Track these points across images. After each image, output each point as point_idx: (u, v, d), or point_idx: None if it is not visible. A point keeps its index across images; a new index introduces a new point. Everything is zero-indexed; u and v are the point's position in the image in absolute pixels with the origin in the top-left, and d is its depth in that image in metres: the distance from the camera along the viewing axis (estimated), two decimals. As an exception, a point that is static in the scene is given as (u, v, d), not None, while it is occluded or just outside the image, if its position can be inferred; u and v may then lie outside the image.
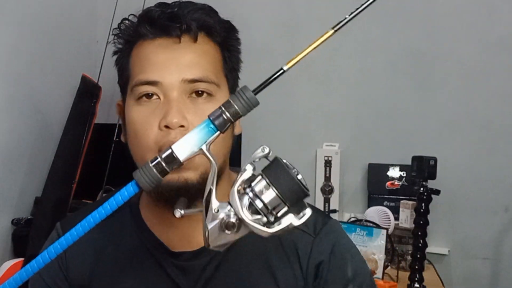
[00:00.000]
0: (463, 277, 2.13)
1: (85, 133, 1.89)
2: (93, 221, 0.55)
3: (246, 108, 0.54)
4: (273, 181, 0.53)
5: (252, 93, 0.55)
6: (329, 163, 2.22)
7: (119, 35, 0.80)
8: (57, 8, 2.16)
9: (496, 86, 2.11)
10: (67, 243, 0.57)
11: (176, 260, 0.79)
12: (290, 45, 2.32)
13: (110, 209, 0.55)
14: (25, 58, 1.97)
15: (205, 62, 0.76)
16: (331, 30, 0.57)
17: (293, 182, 0.53)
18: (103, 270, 0.82)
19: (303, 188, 0.53)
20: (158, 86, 0.73)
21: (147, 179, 0.54)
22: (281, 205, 0.53)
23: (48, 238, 0.88)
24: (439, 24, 2.13)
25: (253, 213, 0.53)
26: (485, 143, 2.11)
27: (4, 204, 1.88)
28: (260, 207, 0.53)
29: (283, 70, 0.57)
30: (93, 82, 1.97)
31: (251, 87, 0.56)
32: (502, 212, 2.09)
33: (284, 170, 0.53)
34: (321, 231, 0.81)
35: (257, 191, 0.53)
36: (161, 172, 0.54)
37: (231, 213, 0.53)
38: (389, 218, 1.98)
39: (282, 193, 0.53)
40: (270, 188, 0.53)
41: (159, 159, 0.54)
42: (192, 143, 0.55)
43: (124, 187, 0.54)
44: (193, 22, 0.75)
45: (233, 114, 0.54)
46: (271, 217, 0.53)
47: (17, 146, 1.92)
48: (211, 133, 0.55)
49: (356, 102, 2.28)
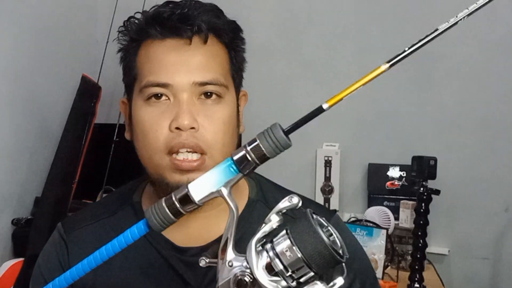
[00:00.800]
0: (463, 277, 2.13)
1: (85, 133, 1.89)
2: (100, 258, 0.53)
3: (274, 151, 0.48)
4: (298, 241, 0.45)
5: (282, 133, 0.48)
6: (329, 163, 2.22)
7: (124, 32, 0.79)
8: (57, 8, 2.16)
9: (496, 86, 2.10)
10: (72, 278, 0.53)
11: (182, 256, 0.78)
12: (290, 45, 2.32)
13: (119, 247, 0.52)
14: (25, 58, 1.97)
15: (215, 64, 0.76)
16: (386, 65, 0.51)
17: (322, 245, 0.45)
18: (108, 269, 0.81)
19: (333, 253, 0.45)
20: (168, 88, 0.73)
21: (159, 220, 0.50)
22: (305, 270, 0.45)
23: (49, 239, 0.88)
24: (439, 24, 2.13)
25: (272, 274, 0.46)
26: (485, 143, 2.11)
27: (4, 204, 1.88)
28: (280, 269, 0.46)
29: (323, 109, 0.49)
30: (93, 82, 1.97)
31: (251, 85, 0.53)
32: (502, 212, 2.09)
33: (313, 229, 0.45)
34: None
35: (278, 250, 0.46)
36: (175, 213, 0.50)
37: (246, 271, 0.47)
38: (389, 218, 1.98)
39: (308, 257, 0.45)
40: (294, 249, 0.45)
41: (173, 199, 0.50)
42: (210, 183, 0.50)
43: (135, 226, 0.52)
44: (204, 24, 0.75)
45: (258, 156, 0.48)
46: (292, 282, 0.46)
47: (17, 146, 1.92)
48: (232, 174, 0.50)
49: (356, 102, 2.27)
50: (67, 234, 0.84)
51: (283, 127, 0.48)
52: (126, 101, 0.82)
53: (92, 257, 0.53)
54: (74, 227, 0.85)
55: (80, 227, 0.84)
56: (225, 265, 0.48)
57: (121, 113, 0.84)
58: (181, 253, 0.79)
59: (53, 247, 0.85)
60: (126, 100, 0.82)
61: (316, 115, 0.48)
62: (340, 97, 0.49)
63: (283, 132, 0.48)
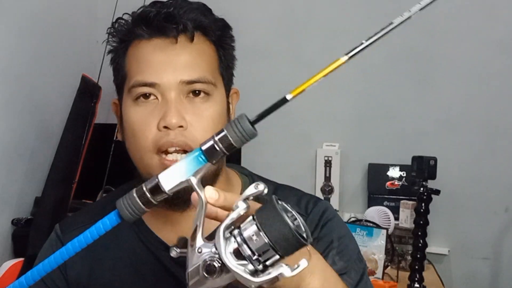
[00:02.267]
0: (463, 277, 2.13)
1: (85, 133, 1.89)
2: (73, 249, 0.53)
3: (241, 140, 0.49)
4: (264, 226, 0.47)
5: (248, 123, 0.49)
6: (329, 163, 2.22)
7: (113, 33, 0.80)
8: (57, 8, 2.16)
9: (496, 86, 2.10)
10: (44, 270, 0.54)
11: None
12: (289, 45, 2.32)
13: (91, 238, 0.53)
14: (25, 58, 1.97)
15: (202, 62, 0.76)
16: (345, 57, 0.52)
17: (287, 229, 0.47)
18: (103, 269, 0.82)
19: (298, 237, 0.47)
20: (155, 88, 0.74)
21: (131, 211, 0.51)
22: (272, 253, 0.47)
23: (47, 240, 0.88)
24: (439, 24, 2.13)
25: (239, 258, 0.47)
26: (485, 143, 2.11)
27: (4, 204, 1.88)
28: (248, 254, 0.47)
29: (286, 100, 0.50)
30: (93, 82, 1.97)
31: (251, 86, 0.54)
32: (502, 212, 2.09)
33: (278, 214, 0.47)
34: (313, 210, 0.82)
35: (245, 235, 0.47)
36: (146, 203, 0.51)
37: (215, 256, 0.48)
38: (389, 218, 1.98)
39: (274, 241, 0.47)
40: (261, 234, 0.47)
41: (144, 190, 0.51)
42: (180, 173, 0.51)
43: (106, 217, 0.53)
44: (189, 22, 0.75)
45: (226, 146, 0.50)
46: (258, 265, 0.47)
47: (17, 146, 1.92)
48: (200, 163, 0.51)
49: (356, 102, 2.27)
50: (64, 234, 0.86)
51: (249, 118, 0.50)
52: (117, 101, 0.82)
53: (65, 249, 0.54)
54: (71, 228, 0.86)
55: (76, 228, 0.85)
56: (194, 252, 0.49)
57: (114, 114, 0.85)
58: None
59: (50, 247, 0.86)
60: (117, 101, 0.82)
61: (280, 106, 0.50)
62: (302, 88, 0.52)
63: (250, 122, 0.49)
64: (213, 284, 0.49)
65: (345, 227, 0.86)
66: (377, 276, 1.71)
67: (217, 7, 0.83)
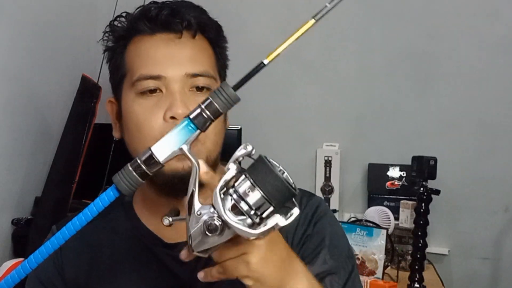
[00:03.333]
0: (463, 277, 2.13)
1: (85, 133, 1.89)
2: (74, 228, 0.55)
3: (226, 105, 0.53)
4: (257, 181, 0.50)
5: (232, 89, 0.53)
6: (329, 163, 2.22)
7: (110, 32, 0.81)
8: (57, 8, 2.16)
9: (496, 86, 2.10)
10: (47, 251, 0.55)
11: (171, 251, 0.79)
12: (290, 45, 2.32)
13: (91, 215, 0.55)
14: (25, 58, 1.97)
15: (203, 58, 0.78)
16: (312, 20, 0.58)
17: (279, 181, 0.50)
18: (100, 268, 0.82)
19: (289, 187, 0.50)
20: (161, 80, 0.75)
21: (127, 183, 0.53)
22: (267, 206, 0.50)
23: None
24: (439, 24, 2.13)
25: (237, 214, 0.50)
26: (485, 143, 2.11)
27: (4, 204, 1.88)
28: (245, 209, 0.50)
29: (264, 64, 0.55)
30: (93, 82, 1.96)
31: (251, 85, 0.55)
32: (502, 212, 2.09)
33: (269, 169, 0.51)
34: (307, 205, 0.83)
35: (241, 192, 0.51)
36: (142, 175, 0.53)
37: (214, 215, 0.51)
38: (389, 218, 1.98)
39: (268, 193, 0.50)
40: (255, 189, 0.50)
41: (138, 162, 0.53)
42: (172, 143, 0.53)
43: (104, 192, 0.54)
44: (193, 19, 0.77)
45: (213, 112, 0.53)
46: (256, 218, 0.51)
47: (17, 146, 1.92)
48: (191, 132, 0.53)
49: (356, 102, 2.27)
50: None
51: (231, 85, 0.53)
52: (114, 100, 0.83)
53: (65, 228, 0.55)
54: None
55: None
56: (194, 215, 0.52)
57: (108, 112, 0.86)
58: (170, 248, 0.80)
59: None
60: (113, 99, 0.83)
61: (258, 71, 0.54)
62: (278, 53, 0.57)
63: (232, 88, 0.53)
64: (214, 241, 0.52)
65: (337, 224, 0.87)
66: (377, 276, 1.71)
67: (216, 7, 0.84)
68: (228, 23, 0.87)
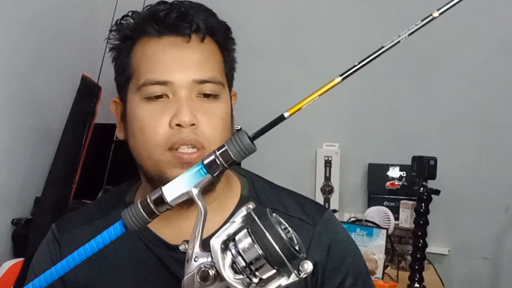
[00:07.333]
0: (463, 277, 2.13)
1: (85, 133, 1.89)
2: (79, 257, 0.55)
3: (241, 155, 0.52)
4: (258, 239, 0.47)
5: (248, 139, 0.52)
6: (329, 163, 2.22)
7: (116, 31, 0.80)
8: (57, 8, 2.16)
9: (496, 86, 2.10)
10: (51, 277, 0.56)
11: (174, 253, 0.79)
12: (290, 45, 2.32)
13: (96, 248, 0.55)
14: (25, 58, 1.97)
15: (211, 63, 0.77)
16: (339, 78, 0.56)
17: (281, 243, 0.47)
18: (101, 270, 0.82)
19: (290, 248, 0.47)
20: (167, 86, 0.74)
21: (135, 220, 0.53)
22: (266, 266, 0.47)
23: (44, 240, 0.88)
24: (439, 24, 2.12)
25: (235, 271, 0.48)
26: (485, 143, 2.11)
27: (4, 204, 1.88)
28: (242, 266, 0.48)
29: (284, 117, 0.53)
30: (93, 82, 1.96)
31: (249, 86, 0.54)
32: (502, 212, 2.09)
33: (272, 227, 0.48)
34: (320, 222, 0.82)
35: (240, 247, 0.48)
36: (150, 213, 0.53)
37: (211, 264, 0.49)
38: (389, 218, 1.98)
39: (268, 254, 0.47)
40: (255, 246, 0.47)
41: (148, 201, 0.53)
42: (182, 184, 0.53)
43: (111, 227, 0.55)
44: (201, 22, 0.76)
45: (226, 160, 0.52)
46: (254, 279, 0.48)
47: (17, 146, 1.92)
48: (202, 176, 0.53)
49: (356, 102, 2.27)
50: (61, 234, 0.85)
51: (248, 134, 0.52)
52: (119, 100, 0.82)
53: (71, 257, 0.55)
54: (68, 227, 0.86)
55: (73, 228, 0.85)
56: (191, 260, 0.52)
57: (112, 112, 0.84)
58: (173, 250, 0.79)
59: (46, 247, 0.86)
60: (118, 99, 0.82)
61: (277, 123, 0.53)
62: (299, 107, 0.54)
63: (249, 138, 0.52)
64: None
65: (350, 240, 0.86)
66: (377, 276, 1.71)
67: (216, 7, 0.83)
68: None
